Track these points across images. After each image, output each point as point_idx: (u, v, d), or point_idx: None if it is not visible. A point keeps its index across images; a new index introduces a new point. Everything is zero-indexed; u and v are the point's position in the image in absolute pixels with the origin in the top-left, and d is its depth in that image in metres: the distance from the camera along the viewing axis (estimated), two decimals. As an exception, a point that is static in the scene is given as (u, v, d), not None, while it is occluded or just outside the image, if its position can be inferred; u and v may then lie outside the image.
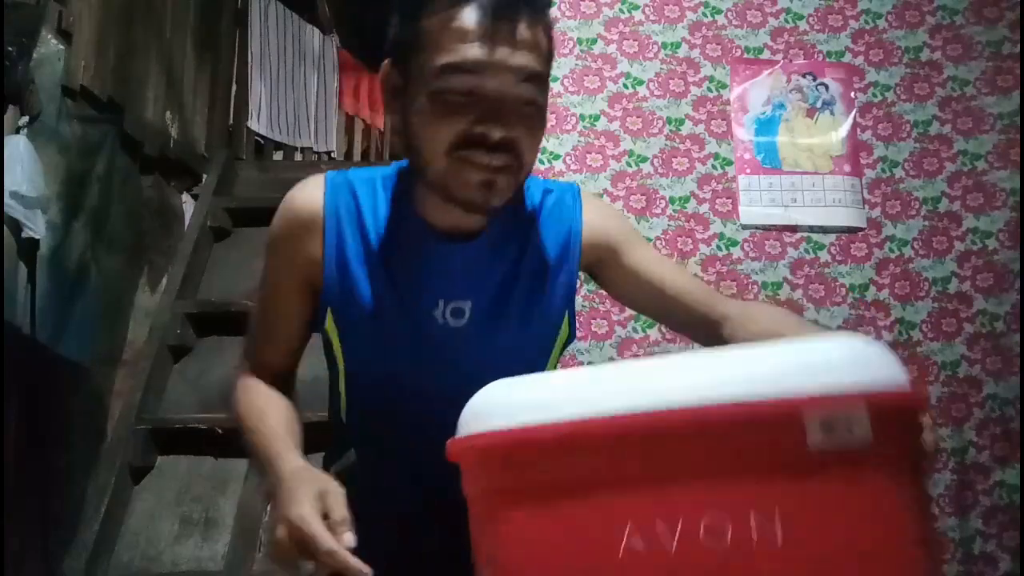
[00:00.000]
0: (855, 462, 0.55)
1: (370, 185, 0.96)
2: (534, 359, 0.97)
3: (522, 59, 0.81)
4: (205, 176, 3.15)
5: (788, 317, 0.96)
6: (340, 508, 0.71)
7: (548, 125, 0.99)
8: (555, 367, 1.01)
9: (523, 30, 0.81)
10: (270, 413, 0.93)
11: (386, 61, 0.89)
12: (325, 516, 0.70)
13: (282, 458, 0.82)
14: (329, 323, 0.96)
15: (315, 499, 0.72)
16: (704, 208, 2.16)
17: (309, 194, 0.97)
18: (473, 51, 0.80)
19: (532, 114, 0.84)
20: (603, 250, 0.98)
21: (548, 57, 0.86)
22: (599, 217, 1.00)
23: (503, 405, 0.63)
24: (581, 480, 0.58)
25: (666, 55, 2.23)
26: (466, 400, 0.76)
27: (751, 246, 2.15)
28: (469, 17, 0.80)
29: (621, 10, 2.25)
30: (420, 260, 0.92)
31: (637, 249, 1.00)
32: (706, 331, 0.96)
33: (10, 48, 2.05)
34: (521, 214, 0.97)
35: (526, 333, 0.95)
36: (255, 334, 1.00)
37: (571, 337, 1.01)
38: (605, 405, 0.58)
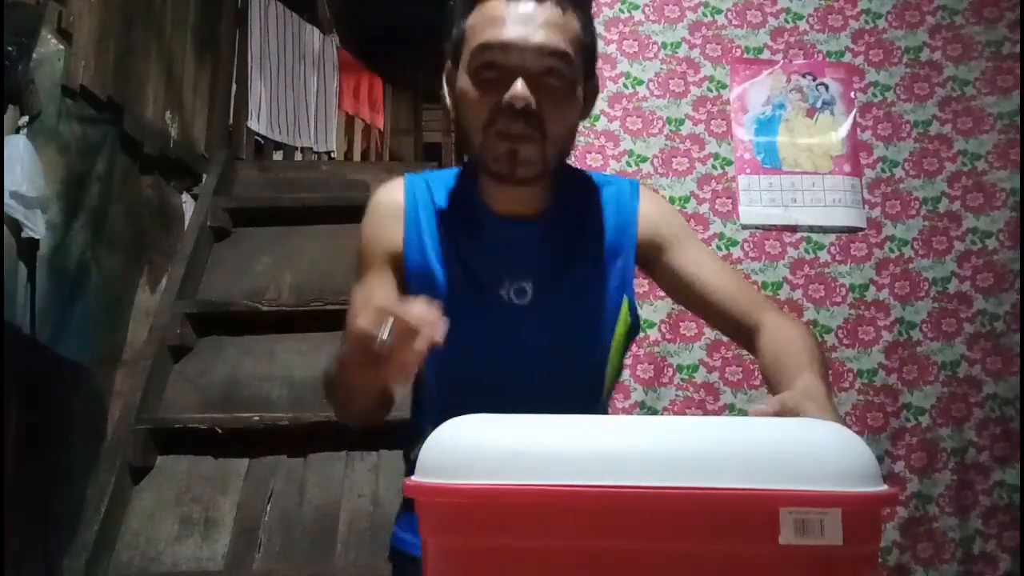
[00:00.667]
0: (825, 560, 0.55)
1: (442, 180, 1.07)
2: (595, 343, 1.02)
3: (544, 37, 0.90)
4: (205, 176, 3.15)
5: (799, 352, 0.93)
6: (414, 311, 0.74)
7: None
8: (621, 358, 1.05)
9: (548, 14, 0.91)
10: None
11: (447, 63, 1.00)
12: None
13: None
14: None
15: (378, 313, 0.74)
16: (704, 208, 2.17)
17: (392, 189, 1.07)
18: (503, 32, 0.91)
19: (556, 87, 0.92)
20: (652, 246, 1.04)
21: (581, 41, 0.94)
22: (654, 211, 1.06)
23: (469, 454, 0.59)
24: (541, 552, 0.57)
25: (666, 55, 2.24)
26: (537, 376, 0.95)
27: (751, 246, 2.15)
28: (502, 6, 0.92)
29: (621, 10, 2.25)
30: (484, 241, 1.01)
31: (685, 248, 1.04)
32: (740, 337, 1.02)
33: (10, 48, 2.05)
34: (578, 200, 1.05)
35: (583, 315, 1.01)
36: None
37: (635, 326, 1.05)
38: (577, 475, 0.56)
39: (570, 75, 0.93)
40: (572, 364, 1.00)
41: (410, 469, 0.81)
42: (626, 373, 2.06)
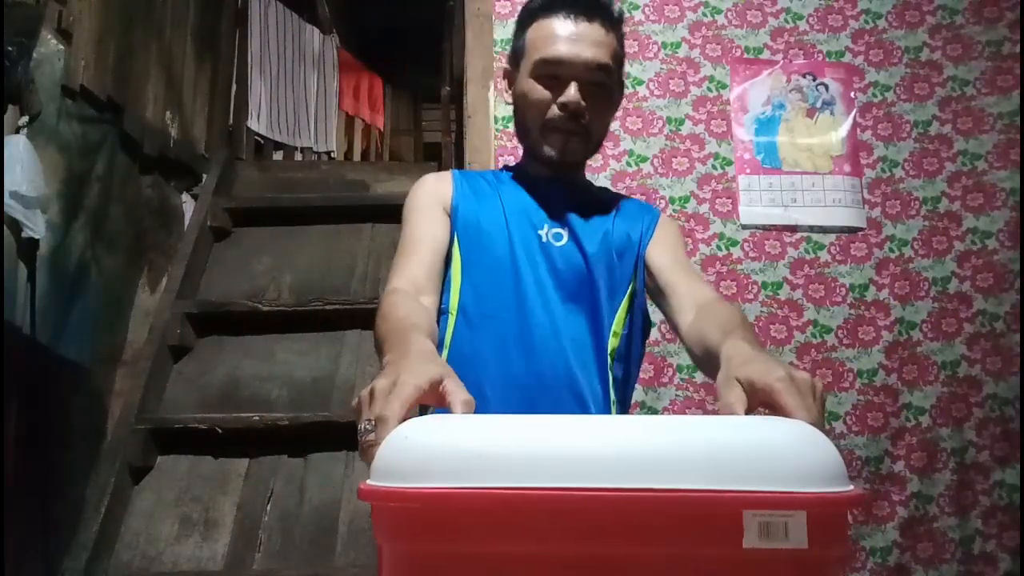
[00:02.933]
0: (789, 564, 0.53)
1: (483, 172, 1.29)
2: (615, 282, 1.15)
3: (593, 53, 1.11)
4: (205, 176, 3.15)
5: (726, 319, 0.97)
6: (462, 390, 0.69)
7: None
8: (628, 307, 1.16)
9: (595, 33, 1.12)
10: (411, 316, 0.95)
11: (505, 65, 1.23)
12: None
13: (411, 339, 0.83)
14: (455, 248, 1.15)
15: (430, 384, 0.69)
16: (704, 208, 2.17)
17: (440, 171, 1.27)
18: (558, 48, 1.11)
19: (600, 95, 1.13)
20: (657, 243, 1.19)
21: (618, 55, 1.15)
22: (668, 226, 1.24)
23: (426, 457, 0.58)
24: (499, 557, 0.55)
25: (666, 55, 2.24)
26: (561, 313, 1.11)
27: (751, 246, 2.15)
28: (558, 25, 1.12)
29: (621, 10, 2.25)
30: (528, 194, 1.19)
31: (665, 247, 1.18)
32: (678, 324, 1.12)
33: (10, 48, 2.05)
34: (604, 189, 1.30)
35: (610, 261, 1.15)
36: (400, 256, 1.13)
37: (638, 287, 1.18)
38: (535, 478, 0.55)
39: (611, 84, 1.14)
40: (590, 307, 1.13)
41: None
42: (626, 373, 2.06)
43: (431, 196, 1.19)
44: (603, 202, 1.22)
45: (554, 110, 1.12)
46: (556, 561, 0.55)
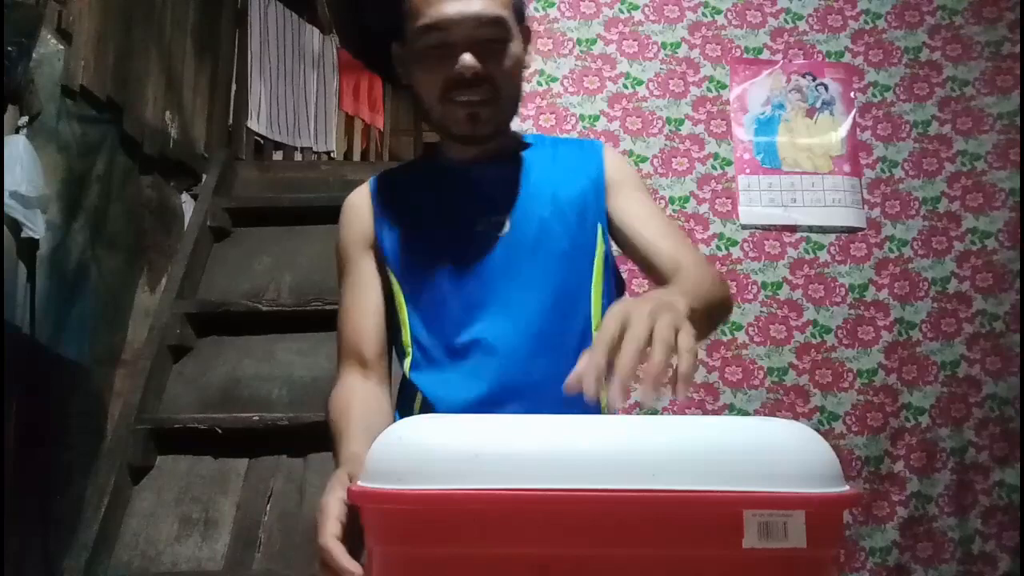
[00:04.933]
0: (787, 563, 0.54)
1: (408, 164, 1.19)
2: (575, 266, 1.04)
3: (480, 6, 0.97)
4: (205, 176, 3.15)
5: (683, 279, 0.95)
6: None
7: (548, 125, 1.09)
8: (603, 283, 1.05)
9: None
10: (350, 409, 0.96)
11: (395, 43, 1.06)
12: None
13: (341, 453, 0.87)
14: (392, 280, 1.06)
15: (343, 487, 0.73)
16: (704, 208, 2.17)
17: (357, 190, 1.14)
18: (440, 10, 0.96)
19: (499, 51, 0.99)
20: (613, 188, 1.09)
21: (511, 3, 1.01)
22: (619, 162, 1.14)
23: (417, 457, 0.57)
24: (495, 560, 0.54)
25: (666, 55, 2.24)
26: (521, 310, 0.99)
27: (751, 246, 2.15)
28: None
29: (621, 10, 2.25)
30: (456, 188, 1.07)
31: (628, 193, 1.09)
32: (660, 282, 1.04)
33: (10, 48, 2.05)
34: (541, 146, 1.13)
35: (560, 239, 1.04)
36: (341, 329, 1.07)
37: (607, 252, 1.07)
38: (531, 479, 0.54)
39: (506, 35, 1.00)
40: (558, 289, 1.02)
41: None
42: (626, 373, 2.06)
43: (354, 236, 1.09)
44: (539, 162, 1.10)
45: (451, 83, 0.98)
46: (553, 563, 0.54)
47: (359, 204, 1.11)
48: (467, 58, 0.96)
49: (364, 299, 1.06)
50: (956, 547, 2.02)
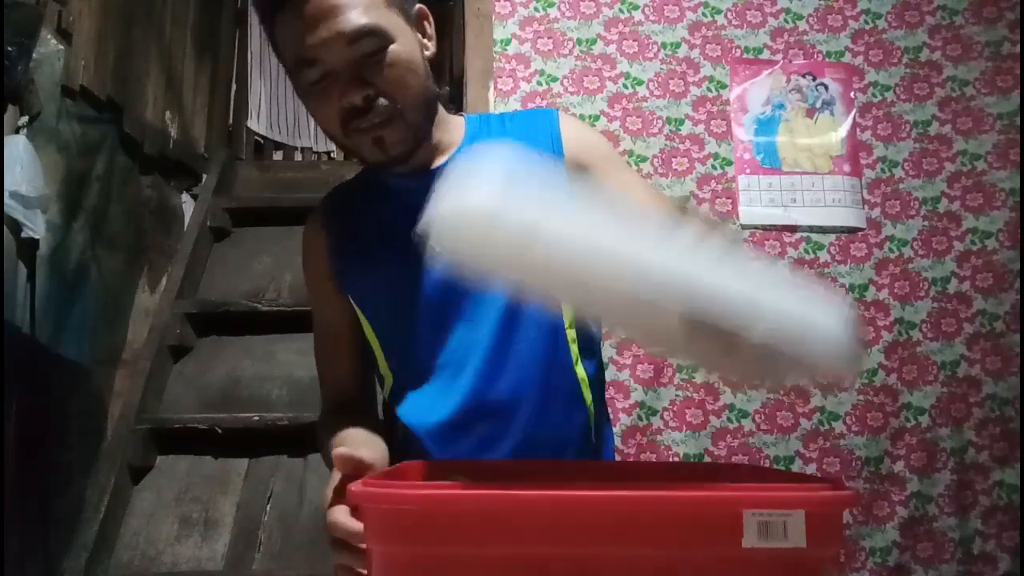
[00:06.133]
0: (788, 563, 0.54)
1: (354, 179, 1.08)
2: None
3: (344, 22, 0.85)
4: (205, 176, 3.15)
5: None
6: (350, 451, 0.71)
7: None
8: None
9: None
10: (342, 425, 0.93)
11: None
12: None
13: (337, 438, 0.85)
14: (359, 313, 1.01)
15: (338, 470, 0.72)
16: (704, 208, 2.17)
17: (311, 217, 1.07)
18: (301, 40, 0.86)
19: (381, 61, 0.87)
20: (579, 169, 0.98)
21: (379, 3, 0.88)
22: (580, 134, 1.02)
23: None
24: (497, 559, 0.54)
25: (666, 55, 2.24)
26: (486, 321, 0.93)
27: (751, 246, 2.15)
28: (291, 15, 0.86)
29: (621, 10, 2.25)
30: (398, 203, 0.97)
31: (611, 174, 0.99)
32: None
33: (10, 48, 2.05)
34: (489, 135, 1.02)
35: None
36: (319, 366, 1.06)
37: None
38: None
39: (383, 42, 0.87)
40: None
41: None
42: (626, 373, 2.06)
43: (315, 274, 1.04)
44: None
45: (346, 114, 0.88)
46: (553, 562, 0.54)
47: (312, 236, 1.05)
48: (351, 85, 0.86)
49: (334, 338, 1.04)
50: (956, 547, 2.02)
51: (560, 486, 0.54)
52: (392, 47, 0.88)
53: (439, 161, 1.00)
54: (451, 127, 1.02)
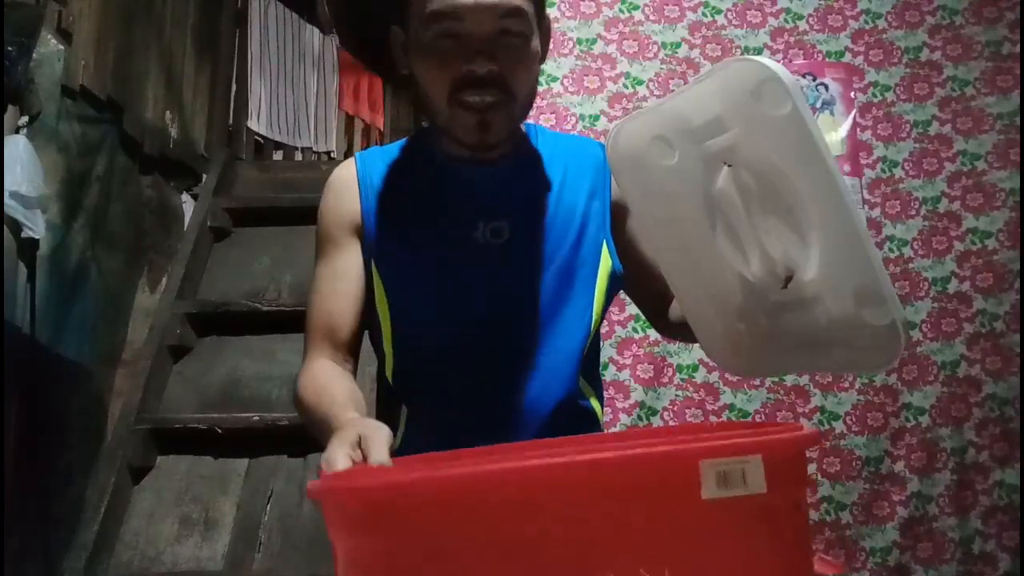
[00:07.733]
0: (748, 511, 0.53)
1: (396, 146, 1.04)
2: (576, 282, 0.97)
3: None
4: (205, 176, 3.15)
5: None
6: (378, 451, 0.65)
7: (548, 125, 1.02)
8: (604, 303, 0.99)
9: None
10: (332, 385, 0.88)
11: (396, 30, 0.95)
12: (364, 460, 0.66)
13: (337, 418, 0.78)
14: (375, 276, 0.97)
15: (352, 445, 0.66)
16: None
17: (343, 166, 1.03)
18: None
19: (518, 46, 0.88)
20: (621, 207, 1.01)
21: None
22: None
23: None
24: (453, 540, 0.53)
25: (666, 55, 2.24)
26: (517, 327, 0.93)
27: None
28: None
29: (621, 10, 2.25)
30: (451, 188, 0.97)
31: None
32: (657, 307, 1.03)
33: (10, 48, 2.05)
34: (546, 146, 1.03)
35: (564, 251, 0.96)
36: (314, 311, 0.98)
37: (616, 270, 1.00)
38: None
39: (527, 29, 0.89)
40: (556, 305, 0.95)
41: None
42: (626, 373, 2.06)
43: (340, 218, 0.99)
44: (539, 163, 1.00)
45: (461, 82, 0.87)
46: (517, 537, 0.52)
47: (347, 182, 1.00)
48: (482, 55, 0.86)
49: (346, 284, 0.96)
50: (956, 547, 2.02)
51: (510, 460, 0.53)
52: (530, 39, 0.90)
53: (498, 154, 0.97)
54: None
